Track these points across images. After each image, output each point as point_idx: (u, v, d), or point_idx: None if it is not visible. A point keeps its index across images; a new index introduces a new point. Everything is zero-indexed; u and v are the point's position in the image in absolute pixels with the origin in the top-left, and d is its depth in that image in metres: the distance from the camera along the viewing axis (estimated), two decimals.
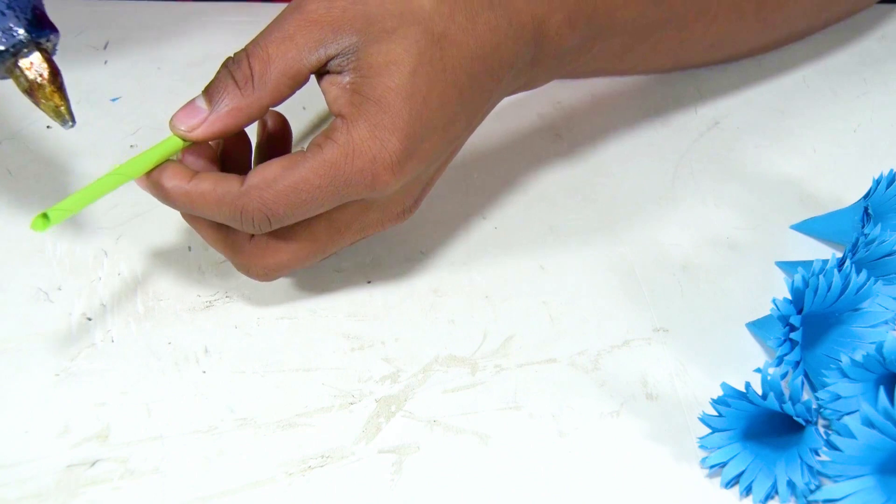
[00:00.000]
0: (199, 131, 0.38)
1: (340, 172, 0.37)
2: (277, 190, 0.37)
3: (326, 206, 0.38)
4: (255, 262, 0.40)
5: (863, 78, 0.59)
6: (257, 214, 0.37)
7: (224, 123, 0.38)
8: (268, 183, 0.37)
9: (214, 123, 0.38)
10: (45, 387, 0.40)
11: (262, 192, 0.37)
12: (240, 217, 0.37)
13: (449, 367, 0.42)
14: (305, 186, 0.37)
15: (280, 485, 0.37)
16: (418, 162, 0.38)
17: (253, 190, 0.37)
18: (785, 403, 0.36)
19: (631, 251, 0.47)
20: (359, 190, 0.37)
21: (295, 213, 0.37)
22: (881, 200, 0.44)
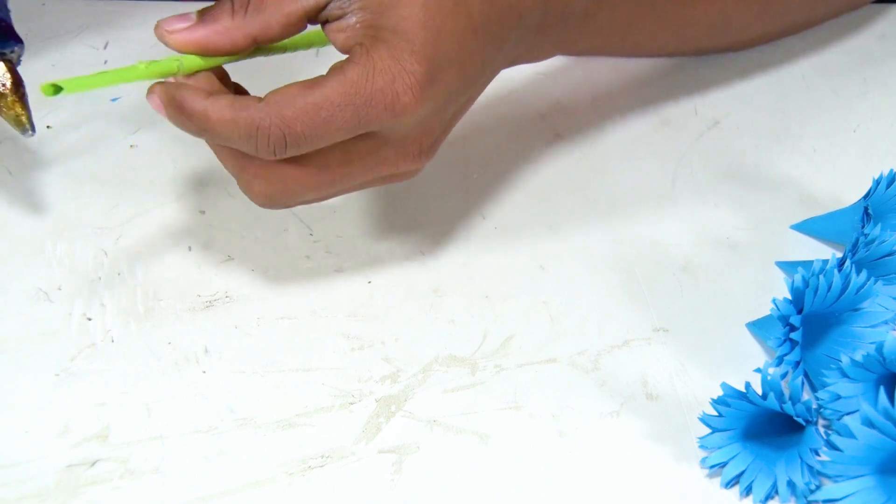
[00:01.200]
0: (178, 36, 0.37)
1: (361, 91, 0.36)
2: (297, 107, 0.36)
3: (345, 131, 0.37)
4: (260, 182, 0.38)
5: (863, 78, 0.59)
6: (274, 132, 0.36)
7: (205, 37, 0.37)
8: (288, 99, 0.36)
9: (195, 33, 0.37)
10: (45, 387, 0.40)
11: (281, 108, 0.36)
12: (256, 135, 0.36)
13: (449, 367, 0.42)
14: (326, 104, 0.36)
15: (280, 485, 0.37)
16: (438, 91, 0.37)
17: (272, 106, 0.36)
18: (785, 403, 0.36)
19: (631, 251, 0.47)
20: (379, 112, 0.36)
21: (313, 135, 0.36)
22: (881, 200, 0.44)
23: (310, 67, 0.43)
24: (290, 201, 0.39)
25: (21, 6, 0.63)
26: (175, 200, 0.49)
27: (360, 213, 0.49)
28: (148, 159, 0.52)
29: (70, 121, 0.54)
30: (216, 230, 0.48)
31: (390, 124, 0.37)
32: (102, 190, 0.49)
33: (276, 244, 0.47)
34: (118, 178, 0.50)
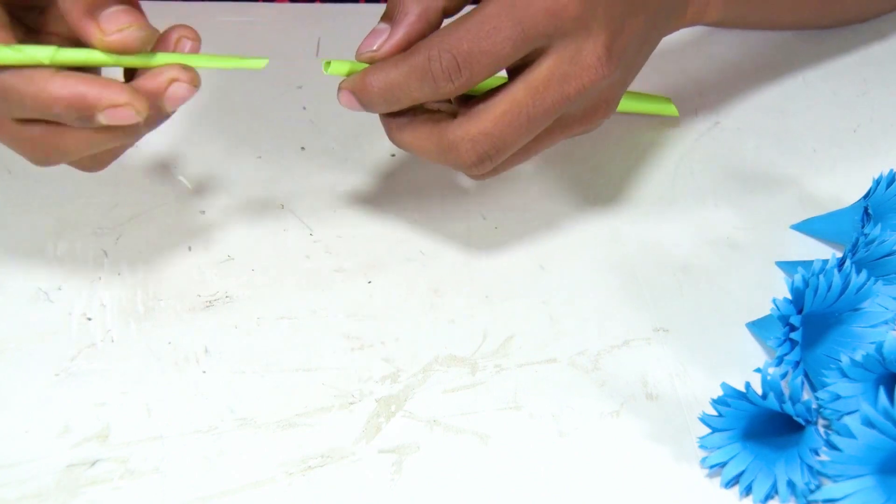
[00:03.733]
0: (385, 48, 0.39)
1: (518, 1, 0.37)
2: (460, 28, 0.37)
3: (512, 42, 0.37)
4: (465, 145, 0.39)
5: (863, 78, 0.59)
6: (444, 56, 0.37)
7: (407, 33, 0.39)
8: (450, 28, 0.37)
9: (397, 33, 0.39)
10: (45, 387, 0.40)
11: (444, 35, 0.37)
12: (429, 67, 0.37)
13: (449, 367, 0.42)
14: (486, 19, 0.37)
15: (280, 485, 0.37)
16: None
17: (435, 36, 0.38)
18: (785, 403, 0.36)
19: (631, 251, 0.47)
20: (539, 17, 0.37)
21: (480, 50, 0.37)
22: (881, 200, 0.44)
23: None
24: (500, 154, 0.40)
25: None
26: (175, 200, 0.49)
27: (360, 213, 0.49)
28: (148, 159, 0.52)
29: None
30: (216, 230, 0.48)
31: (556, 31, 0.38)
32: (102, 190, 0.49)
33: (276, 244, 0.47)
34: (118, 178, 0.50)
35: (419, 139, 0.40)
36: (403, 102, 0.39)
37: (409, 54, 0.38)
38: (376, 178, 0.51)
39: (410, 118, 0.41)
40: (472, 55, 0.37)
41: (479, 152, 0.40)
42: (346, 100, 0.40)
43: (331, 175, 0.51)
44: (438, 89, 0.38)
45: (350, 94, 0.40)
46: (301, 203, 0.49)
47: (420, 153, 0.41)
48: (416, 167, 0.52)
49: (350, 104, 0.40)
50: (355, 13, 0.64)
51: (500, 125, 0.39)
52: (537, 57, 0.39)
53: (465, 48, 0.37)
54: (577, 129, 0.42)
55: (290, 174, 0.51)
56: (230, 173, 0.51)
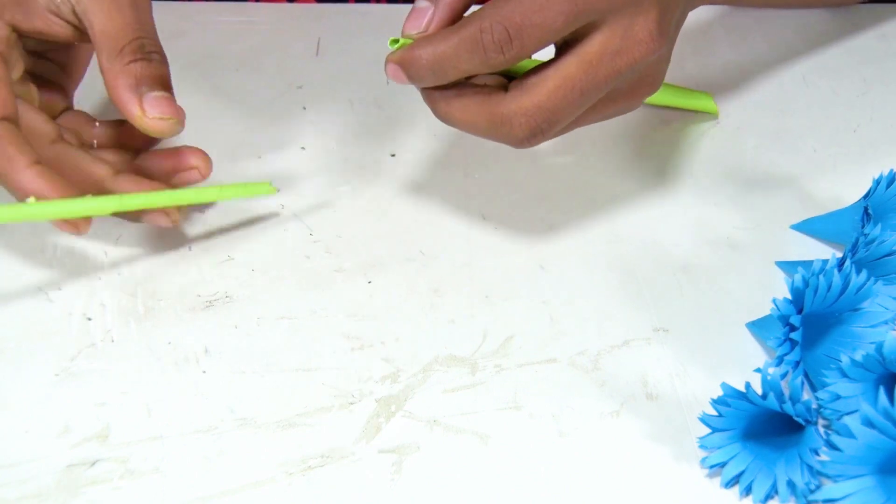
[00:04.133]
0: (433, 26, 0.39)
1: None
2: (513, 4, 0.37)
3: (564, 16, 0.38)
4: (519, 119, 0.39)
5: (863, 78, 0.59)
6: (496, 28, 0.37)
7: (451, 7, 0.39)
8: (500, 2, 0.38)
9: (442, 10, 0.39)
10: (45, 387, 0.40)
11: (496, 7, 0.37)
12: (480, 38, 0.37)
13: (449, 367, 0.42)
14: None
15: (280, 485, 0.37)
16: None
17: (487, 8, 0.38)
18: (785, 403, 0.36)
19: (631, 251, 0.47)
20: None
21: (532, 23, 0.37)
22: (881, 200, 0.44)
23: None
24: (552, 128, 0.40)
25: None
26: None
27: (360, 213, 0.49)
28: None
29: None
30: (216, 230, 0.48)
31: (607, 7, 0.38)
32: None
33: (276, 244, 0.47)
34: None
35: (469, 113, 0.40)
36: (451, 75, 0.39)
37: (459, 26, 0.38)
38: (376, 178, 0.51)
39: (458, 92, 0.40)
40: (524, 28, 0.37)
41: (532, 126, 0.40)
42: (393, 72, 0.40)
43: (331, 175, 0.51)
44: (488, 61, 0.38)
45: (397, 66, 0.40)
46: (301, 203, 0.49)
47: (468, 127, 0.41)
48: (416, 167, 0.52)
49: (397, 77, 0.40)
50: (355, 13, 0.64)
51: (553, 99, 0.39)
52: (588, 31, 0.39)
53: (517, 20, 0.37)
54: (623, 104, 0.42)
55: (290, 174, 0.51)
56: (230, 173, 0.51)
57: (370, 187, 0.51)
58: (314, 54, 0.60)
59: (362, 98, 0.57)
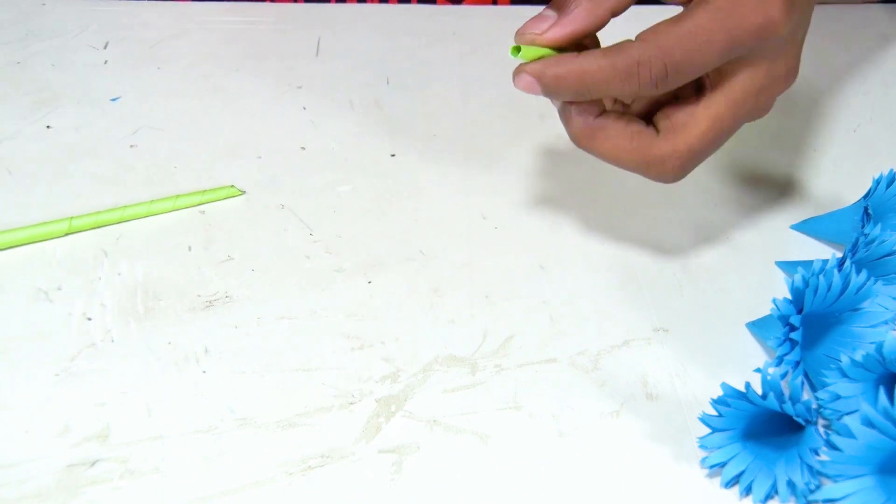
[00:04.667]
0: (549, 33, 0.39)
1: (732, 14, 0.37)
2: (672, 36, 0.37)
3: (719, 55, 0.38)
4: (669, 155, 0.40)
5: (863, 78, 0.59)
6: (655, 63, 0.37)
7: (574, 23, 0.39)
8: (662, 32, 0.38)
9: (565, 24, 0.39)
10: (45, 387, 0.40)
11: (657, 40, 0.37)
12: (636, 71, 0.38)
13: (449, 367, 0.42)
14: (700, 31, 0.37)
15: (280, 485, 0.37)
16: (798, 9, 0.39)
17: (647, 41, 0.38)
18: (785, 403, 0.36)
19: (631, 251, 0.47)
20: (751, 32, 0.38)
21: (690, 61, 0.38)
22: (881, 200, 0.44)
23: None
24: (698, 164, 0.41)
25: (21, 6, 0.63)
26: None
27: (360, 213, 0.49)
28: (148, 159, 0.52)
29: (70, 121, 0.54)
30: (216, 230, 0.48)
31: (760, 44, 0.38)
32: (102, 190, 0.49)
33: (276, 244, 0.47)
34: (118, 178, 0.50)
35: (617, 149, 0.41)
36: (593, 95, 0.39)
37: (614, 52, 0.38)
38: (376, 178, 0.51)
39: (603, 125, 0.41)
40: (682, 64, 0.38)
41: (683, 166, 0.41)
42: (526, 83, 0.40)
43: (331, 175, 0.51)
44: (639, 91, 0.38)
45: (532, 78, 0.39)
46: (301, 203, 0.49)
47: (611, 161, 0.41)
48: (417, 167, 0.52)
49: (530, 88, 0.40)
50: (355, 13, 0.64)
51: (704, 140, 0.40)
52: (736, 67, 0.39)
53: (677, 58, 0.37)
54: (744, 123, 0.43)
55: (290, 174, 0.51)
56: (230, 173, 0.51)
57: (370, 187, 0.51)
58: (314, 54, 0.60)
59: (362, 98, 0.57)
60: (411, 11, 0.64)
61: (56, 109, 0.55)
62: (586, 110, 0.41)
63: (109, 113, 0.54)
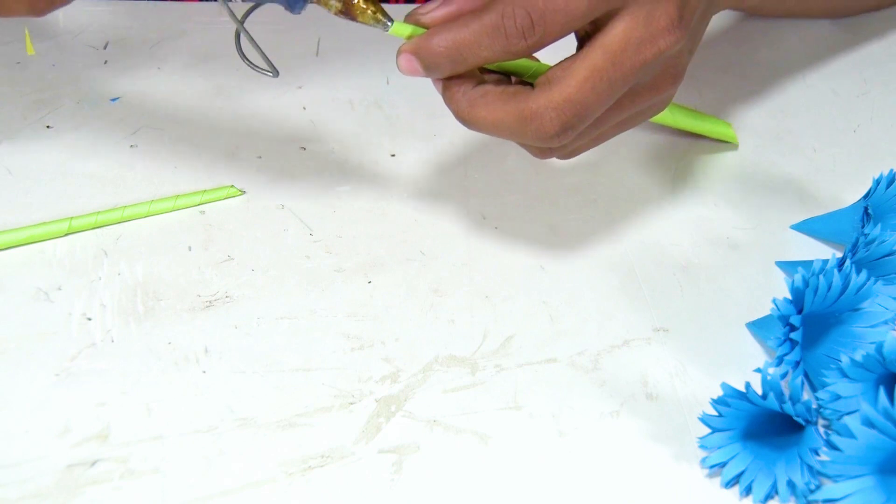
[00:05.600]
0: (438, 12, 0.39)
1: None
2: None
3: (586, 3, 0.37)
4: (551, 113, 0.39)
5: (863, 78, 0.59)
6: (518, 13, 0.37)
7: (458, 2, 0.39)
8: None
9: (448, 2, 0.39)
10: (45, 387, 0.40)
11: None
12: (501, 24, 0.37)
13: (449, 367, 0.42)
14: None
15: (280, 485, 0.37)
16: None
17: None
18: (785, 403, 0.36)
19: (631, 251, 0.47)
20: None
21: (556, 8, 0.37)
22: (881, 200, 0.44)
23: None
24: (582, 122, 0.39)
25: None
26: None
27: (360, 213, 0.49)
28: (148, 159, 0.52)
29: (70, 121, 0.54)
30: (216, 230, 0.48)
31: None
32: (102, 190, 0.49)
33: (276, 244, 0.47)
34: (118, 178, 0.50)
35: (495, 111, 0.39)
36: (470, 62, 0.39)
37: (480, 12, 0.38)
38: (376, 178, 0.51)
39: (482, 92, 0.40)
40: (547, 13, 0.37)
41: (563, 120, 0.39)
42: (407, 64, 0.39)
43: (331, 175, 0.51)
44: (510, 47, 0.38)
45: (411, 56, 0.39)
46: (301, 203, 0.49)
47: (494, 128, 0.40)
48: (416, 167, 0.52)
49: (410, 68, 0.39)
50: None
51: (582, 91, 0.38)
52: (609, 20, 0.38)
53: (540, 6, 0.37)
54: (647, 100, 0.41)
55: (290, 174, 0.51)
56: (230, 173, 0.51)
57: (370, 187, 0.51)
58: (314, 54, 0.60)
59: (362, 98, 0.57)
60: None
61: (56, 109, 0.55)
62: (465, 83, 0.40)
63: (109, 113, 0.54)
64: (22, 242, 0.46)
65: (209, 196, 0.49)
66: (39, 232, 0.46)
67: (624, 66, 0.39)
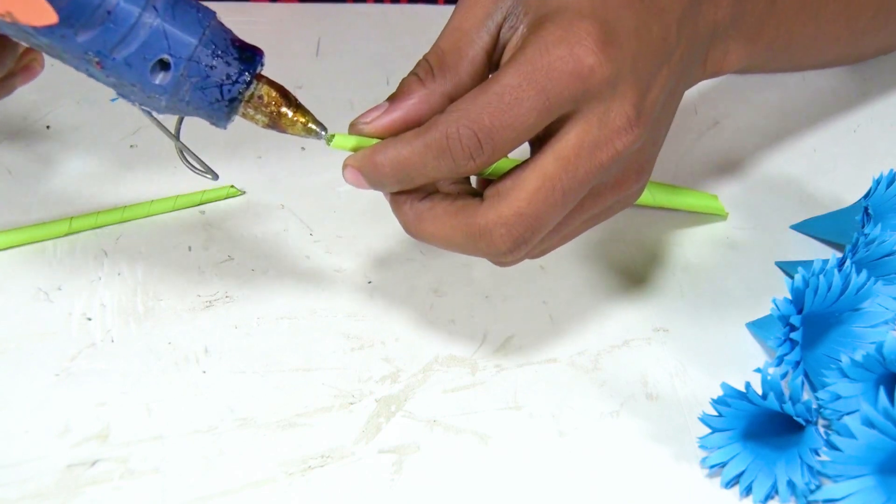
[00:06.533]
0: (376, 122, 0.37)
1: (539, 65, 0.34)
2: (479, 102, 0.34)
3: (536, 112, 0.34)
4: (494, 223, 0.36)
5: (863, 78, 0.59)
6: (464, 132, 0.34)
7: (405, 112, 0.36)
8: (468, 100, 0.35)
9: (394, 112, 0.37)
10: (45, 387, 0.40)
11: (463, 108, 0.35)
12: (447, 146, 0.35)
13: (449, 367, 0.42)
14: (507, 90, 0.34)
15: (280, 485, 0.37)
16: (620, 52, 0.35)
17: (453, 111, 0.35)
18: (785, 403, 0.36)
19: (631, 251, 0.47)
20: (564, 81, 0.34)
21: (502, 125, 0.34)
22: (881, 200, 0.44)
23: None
24: (535, 235, 0.36)
25: None
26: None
27: (360, 213, 0.49)
28: (148, 159, 0.52)
29: (70, 121, 0.54)
30: (216, 230, 0.48)
31: (582, 95, 0.35)
32: (102, 190, 0.49)
33: (276, 244, 0.47)
34: (118, 178, 0.50)
35: (442, 228, 0.37)
36: (417, 181, 0.37)
37: (424, 130, 0.35)
38: None
39: (430, 206, 0.37)
40: (494, 130, 0.34)
41: (514, 236, 0.36)
42: (352, 177, 0.38)
43: (331, 175, 0.51)
44: (458, 168, 0.35)
45: (356, 171, 0.37)
46: (301, 203, 0.49)
47: (443, 244, 0.38)
48: None
49: (356, 182, 0.38)
50: (355, 13, 0.64)
51: (533, 203, 0.35)
52: (563, 124, 0.36)
53: (486, 123, 0.34)
54: (610, 199, 0.38)
55: (290, 174, 0.51)
56: (230, 173, 0.51)
57: None
58: (314, 54, 0.60)
59: (362, 98, 0.57)
60: (411, 11, 0.64)
61: (56, 109, 0.55)
62: (412, 196, 0.38)
63: (109, 113, 0.54)
64: (22, 242, 0.46)
65: (209, 196, 0.49)
66: (39, 232, 0.46)
67: (578, 172, 0.35)
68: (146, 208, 0.48)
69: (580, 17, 0.35)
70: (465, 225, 0.36)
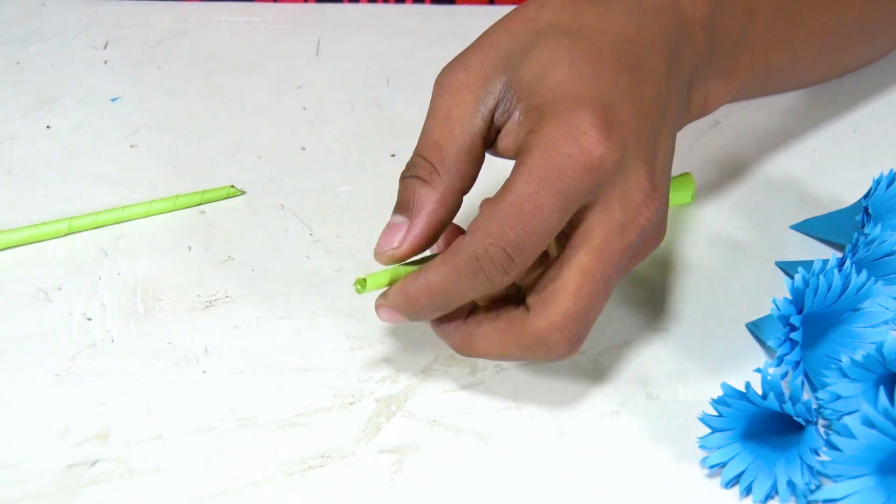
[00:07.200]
0: (406, 243, 0.37)
1: (551, 168, 0.34)
2: (499, 218, 0.35)
3: (558, 213, 0.35)
4: (547, 330, 0.36)
5: (863, 78, 0.59)
6: (493, 251, 0.35)
7: (427, 223, 0.37)
8: (486, 219, 0.35)
9: (418, 226, 0.37)
10: (45, 387, 0.40)
11: (485, 228, 0.35)
12: (479, 268, 0.35)
13: (449, 367, 0.42)
14: (524, 199, 0.35)
15: (280, 485, 0.37)
16: (622, 131, 0.36)
17: (475, 232, 0.35)
18: (785, 403, 0.36)
19: None
20: (579, 178, 0.35)
21: (528, 233, 0.35)
22: (881, 200, 0.44)
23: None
24: (588, 329, 0.37)
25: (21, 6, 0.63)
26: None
27: (360, 213, 0.49)
28: (148, 159, 0.52)
29: (70, 121, 0.54)
30: (216, 230, 0.48)
31: (597, 185, 0.35)
32: (102, 190, 0.49)
33: (276, 244, 0.47)
34: (118, 178, 0.50)
35: (495, 345, 0.37)
36: (455, 304, 0.37)
37: (450, 255, 0.36)
38: (376, 178, 0.51)
39: (475, 325, 0.38)
40: (521, 241, 0.35)
41: (569, 337, 0.36)
42: (389, 316, 0.38)
43: (331, 175, 0.51)
44: (493, 285, 0.36)
45: (391, 309, 0.37)
46: (301, 203, 0.49)
47: (498, 358, 0.38)
48: None
49: (393, 319, 0.38)
50: (355, 13, 0.64)
51: (580, 301, 0.36)
52: (584, 214, 0.36)
53: (511, 237, 0.35)
54: (639, 262, 0.39)
55: (290, 174, 0.51)
56: (230, 173, 0.51)
57: (370, 187, 0.51)
58: (314, 54, 0.60)
59: (362, 98, 0.57)
60: (411, 11, 0.64)
61: (56, 109, 0.55)
62: (455, 319, 0.38)
63: (109, 113, 0.54)
64: (22, 242, 0.46)
65: (209, 196, 0.49)
66: (39, 232, 0.46)
67: (612, 258, 0.36)
68: (146, 208, 0.48)
69: (580, 107, 0.35)
70: (517, 338, 0.37)
